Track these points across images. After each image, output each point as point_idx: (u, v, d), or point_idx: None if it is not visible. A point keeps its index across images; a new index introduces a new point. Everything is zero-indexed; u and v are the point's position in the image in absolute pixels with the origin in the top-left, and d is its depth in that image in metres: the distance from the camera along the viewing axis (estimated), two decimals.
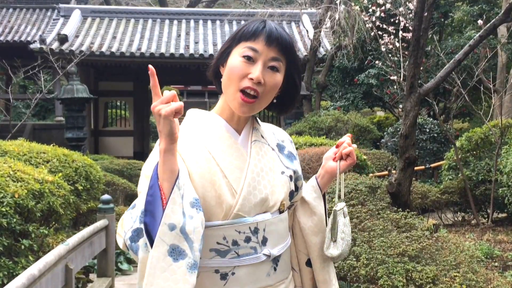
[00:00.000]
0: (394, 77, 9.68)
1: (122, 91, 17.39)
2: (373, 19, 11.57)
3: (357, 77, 14.73)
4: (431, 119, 12.62)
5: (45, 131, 16.88)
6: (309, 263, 1.73)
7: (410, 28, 7.94)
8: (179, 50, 15.21)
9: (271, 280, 1.56)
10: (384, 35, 11.11)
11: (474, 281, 3.57)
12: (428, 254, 3.91)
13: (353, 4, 12.67)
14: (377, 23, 11.40)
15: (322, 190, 1.73)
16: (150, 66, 1.30)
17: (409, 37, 8.34)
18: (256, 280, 1.52)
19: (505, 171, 6.55)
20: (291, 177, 1.63)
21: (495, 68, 13.37)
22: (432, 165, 10.35)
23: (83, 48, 14.70)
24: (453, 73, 7.45)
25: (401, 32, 9.80)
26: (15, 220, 3.96)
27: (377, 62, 13.01)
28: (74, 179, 6.07)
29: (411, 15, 9.67)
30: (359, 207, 4.80)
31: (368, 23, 11.77)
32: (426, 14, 6.08)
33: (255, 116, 1.66)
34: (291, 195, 1.64)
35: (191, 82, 19.96)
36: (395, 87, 11.54)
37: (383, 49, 10.65)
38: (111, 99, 18.09)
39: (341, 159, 1.68)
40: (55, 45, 14.67)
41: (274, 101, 1.60)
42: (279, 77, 1.55)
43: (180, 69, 15.47)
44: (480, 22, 8.80)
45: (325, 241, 1.69)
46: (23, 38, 18.37)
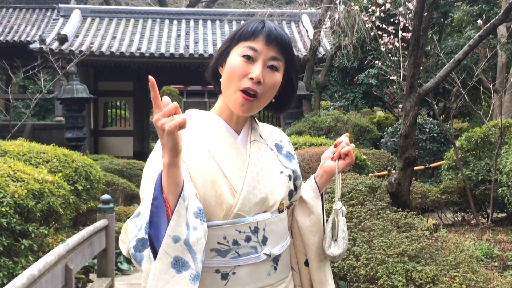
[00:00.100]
0: (394, 77, 9.70)
1: (122, 91, 17.39)
2: (373, 19, 11.57)
3: (356, 77, 14.73)
4: (431, 119, 12.61)
5: (45, 131, 16.89)
6: (307, 263, 1.73)
7: (410, 28, 7.94)
8: (178, 50, 15.21)
9: (272, 280, 1.57)
10: (383, 35, 11.12)
11: (474, 281, 3.57)
12: (428, 254, 3.91)
13: (352, 4, 12.66)
14: (377, 23, 11.41)
15: (321, 189, 1.73)
16: (150, 77, 1.26)
17: (409, 37, 8.34)
18: (256, 280, 1.53)
19: (504, 171, 6.55)
20: (290, 176, 1.64)
21: (494, 68, 13.36)
22: (432, 165, 10.35)
23: (83, 48, 14.70)
24: (452, 73, 7.45)
25: (400, 32, 9.80)
26: (15, 220, 3.95)
27: (376, 62, 13.00)
28: (74, 179, 6.07)
29: (410, 15, 9.67)
30: (359, 207, 4.80)
31: (367, 23, 11.77)
32: (425, 14, 6.09)
33: (254, 116, 1.66)
34: (290, 194, 1.64)
35: (190, 82, 19.94)
36: (394, 87, 11.55)
37: (382, 49, 10.65)
38: (111, 99, 18.09)
39: (340, 158, 1.69)
40: (55, 45, 14.67)
41: (273, 101, 1.59)
42: (278, 76, 1.54)
43: (179, 69, 15.47)
44: (479, 22, 8.80)
45: (325, 240, 1.70)
46: (23, 38, 18.36)
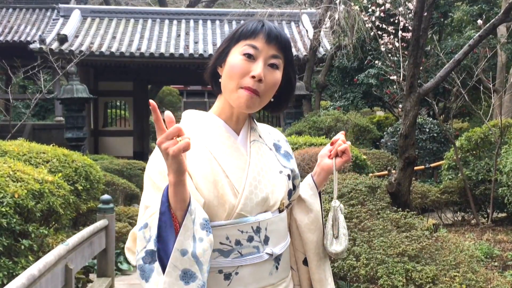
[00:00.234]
0: (394, 77, 9.69)
1: (121, 91, 17.38)
2: (373, 19, 11.56)
3: (356, 77, 14.73)
4: (431, 119, 12.61)
5: (44, 131, 16.89)
6: (306, 262, 1.74)
7: (410, 28, 7.93)
8: (178, 50, 15.20)
9: (274, 279, 1.57)
10: (383, 35, 11.11)
11: (474, 280, 3.57)
12: (428, 254, 3.91)
13: (352, 4, 12.66)
14: (377, 23, 11.39)
15: (318, 187, 1.74)
16: (151, 101, 1.27)
17: (409, 37, 8.34)
18: (259, 279, 1.53)
19: (504, 171, 6.55)
20: (288, 176, 1.65)
21: (494, 68, 13.36)
22: (432, 165, 10.35)
23: (83, 48, 14.69)
24: (452, 73, 7.44)
25: (400, 32, 9.79)
26: (15, 220, 3.95)
27: (376, 62, 12.99)
28: (74, 179, 6.06)
29: (410, 15, 9.66)
30: (359, 207, 4.80)
31: (367, 23, 11.76)
32: (425, 14, 6.08)
33: (252, 116, 1.67)
34: (289, 194, 1.65)
35: (190, 82, 19.96)
36: (394, 87, 11.55)
37: (382, 49, 10.64)
38: (110, 99, 18.08)
39: (337, 156, 1.69)
40: (54, 45, 14.66)
41: (272, 100, 1.59)
42: (278, 74, 1.55)
43: (179, 69, 15.47)
44: (479, 22, 8.79)
45: (326, 238, 1.71)
46: (23, 38, 18.35)
